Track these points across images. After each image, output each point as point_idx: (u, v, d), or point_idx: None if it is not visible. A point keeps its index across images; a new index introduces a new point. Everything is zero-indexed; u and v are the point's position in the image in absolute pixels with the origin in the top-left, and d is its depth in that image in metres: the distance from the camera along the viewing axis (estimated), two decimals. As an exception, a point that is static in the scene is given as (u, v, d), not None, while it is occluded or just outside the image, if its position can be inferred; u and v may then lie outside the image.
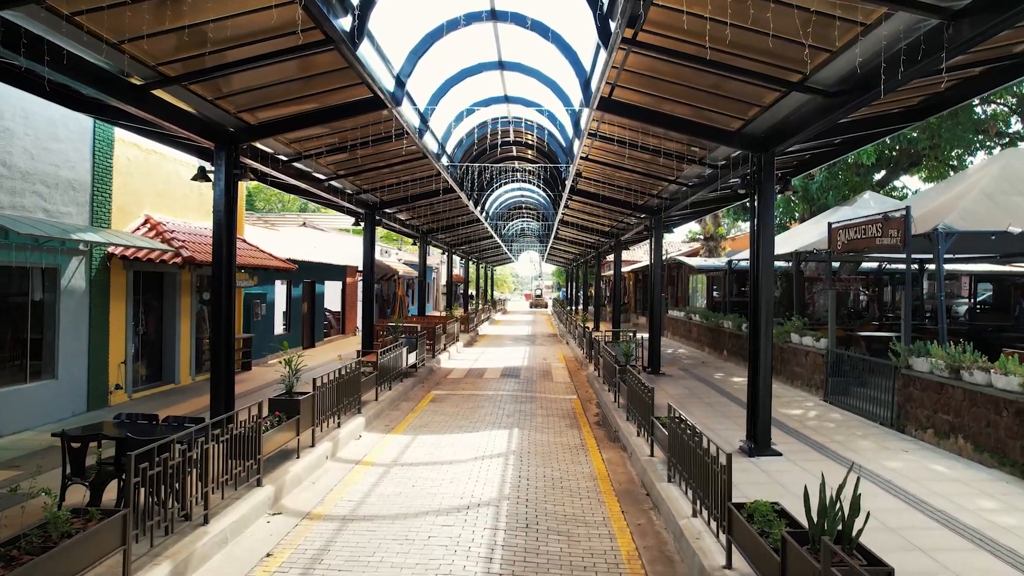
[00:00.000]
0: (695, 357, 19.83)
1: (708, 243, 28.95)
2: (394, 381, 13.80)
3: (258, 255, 14.45)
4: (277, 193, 64.25)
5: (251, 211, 50.31)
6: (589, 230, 24.08)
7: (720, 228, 28.92)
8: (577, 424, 11.29)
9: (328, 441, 9.05)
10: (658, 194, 14.73)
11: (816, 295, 20.80)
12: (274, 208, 62.55)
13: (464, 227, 25.41)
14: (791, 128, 8.17)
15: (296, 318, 19.60)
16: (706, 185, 12.00)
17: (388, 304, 29.59)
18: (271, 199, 67.97)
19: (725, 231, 29.81)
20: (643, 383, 9.33)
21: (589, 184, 15.96)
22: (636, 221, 19.51)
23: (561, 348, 24.95)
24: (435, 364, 18.20)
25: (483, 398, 13.57)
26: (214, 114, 8.60)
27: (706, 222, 29.52)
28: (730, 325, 18.65)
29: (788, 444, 9.10)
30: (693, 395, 13.14)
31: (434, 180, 14.70)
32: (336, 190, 13.97)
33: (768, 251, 8.80)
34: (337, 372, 9.95)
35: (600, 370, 15.40)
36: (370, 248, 16.55)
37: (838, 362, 12.32)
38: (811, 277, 21.23)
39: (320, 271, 21.92)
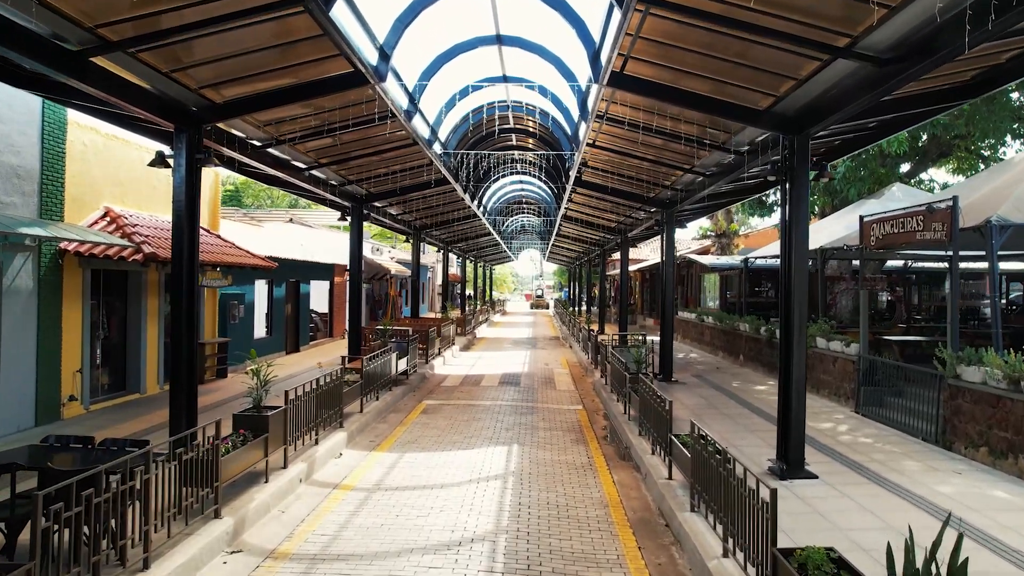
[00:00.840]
0: (708, 362, 19.08)
1: (720, 240, 28.20)
2: (382, 390, 13.04)
3: (233, 252, 13.69)
4: (266, 189, 63.59)
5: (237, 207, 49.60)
6: (594, 226, 23.32)
7: (733, 224, 28.17)
8: (583, 439, 10.53)
9: (303, 462, 8.28)
10: (671, 185, 13.97)
11: (838, 295, 20.04)
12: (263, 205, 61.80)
13: (460, 223, 24.64)
14: (829, 105, 7.41)
15: (278, 320, 18.84)
16: (726, 174, 11.23)
17: (380, 305, 28.83)
18: (259, 195, 67.33)
19: (738, 228, 29.05)
20: (658, 395, 8.58)
21: (595, 175, 15.19)
22: (645, 216, 18.74)
23: (564, 352, 24.19)
24: (428, 370, 17.44)
25: (480, 409, 12.81)
26: (173, 90, 7.84)
27: (718, 218, 28.79)
28: (747, 328, 17.89)
29: (823, 464, 8.35)
30: (710, 406, 12.39)
31: (426, 170, 13.94)
32: (318, 181, 13.21)
33: (802, 247, 8.03)
34: (315, 382, 9.18)
35: (607, 377, 14.64)
36: (357, 244, 15.79)
37: (871, 370, 11.56)
38: (832, 276, 20.47)
39: (305, 270, 21.16)
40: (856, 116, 8.46)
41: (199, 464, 6.06)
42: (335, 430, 9.98)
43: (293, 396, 8.37)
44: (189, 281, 8.21)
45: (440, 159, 13.60)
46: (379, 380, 12.67)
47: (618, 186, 15.45)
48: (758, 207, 22.22)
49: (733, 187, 13.91)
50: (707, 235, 29.55)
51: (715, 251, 28.59)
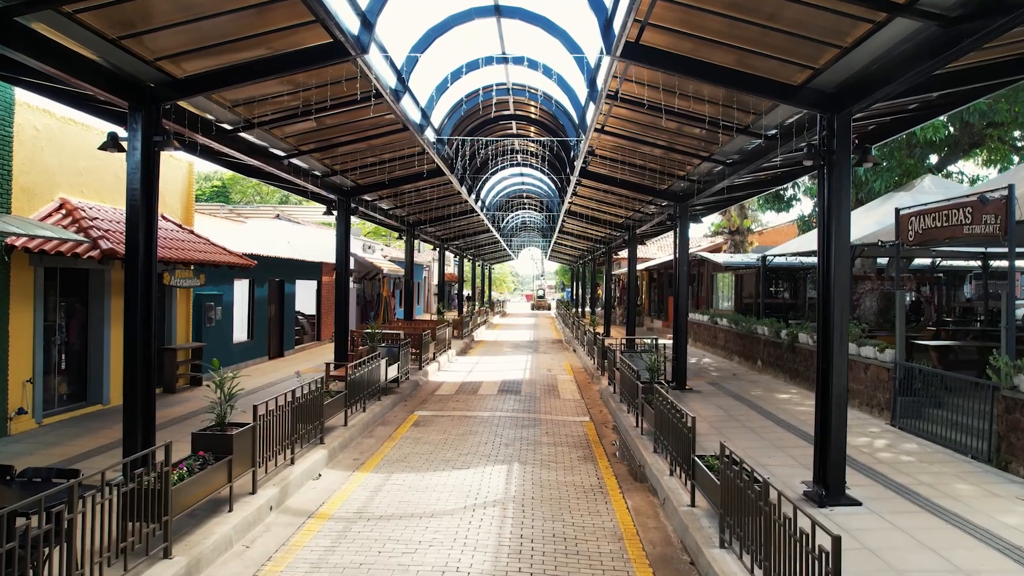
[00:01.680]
0: (724, 368, 18.35)
1: (733, 237, 27.48)
2: (370, 400, 12.31)
3: (208, 249, 12.95)
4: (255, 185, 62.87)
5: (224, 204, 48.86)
6: (600, 222, 22.59)
7: (747, 220, 27.44)
8: (592, 456, 9.79)
9: (275, 486, 7.54)
10: (686, 175, 13.23)
11: (862, 296, 19.31)
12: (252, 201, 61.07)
13: (457, 219, 23.91)
14: (878, 79, 6.68)
15: (260, 323, 18.10)
16: (749, 162, 10.49)
17: (371, 306, 28.11)
18: (248, 191, 66.68)
19: (751, 224, 28.33)
20: (677, 409, 7.86)
21: (603, 165, 14.46)
22: (656, 210, 18.03)
23: (567, 357, 23.46)
24: (421, 377, 16.71)
25: (477, 421, 12.07)
26: (125, 62, 7.10)
27: (730, 214, 28.07)
28: (766, 331, 17.16)
29: (865, 487, 7.62)
30: (731, 417, 11.66)
31: (417, 159, 13.20)
32: (300, 170, 12.47)
33: (843, 242, 7.30)
34: (291, 394, 8.44)
35: (616, 385, 13.91)
36: (344, 241, 15.05)
37: (908, 378, 10.84)
38: (856, 275, 19.74)
39: (290, 269, 20.42)
40: (899, 95, 7.72)
41: (146, 495, 5.33)
42: (314, 447, 9.24)
43: (264, 411, 7.62)
44: (146, 278, 7.48)
45: (433, 147, 12.87)
46: (366, 389, 11.94)
47: (627, 177, 14.73)
48: (774, 201, 21.49)
49: (753, 178, 13.18)
50: (719, 232, 28.83)
51: (728, 248, 27.88)
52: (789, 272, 22.43)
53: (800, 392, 14.35)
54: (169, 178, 13.66)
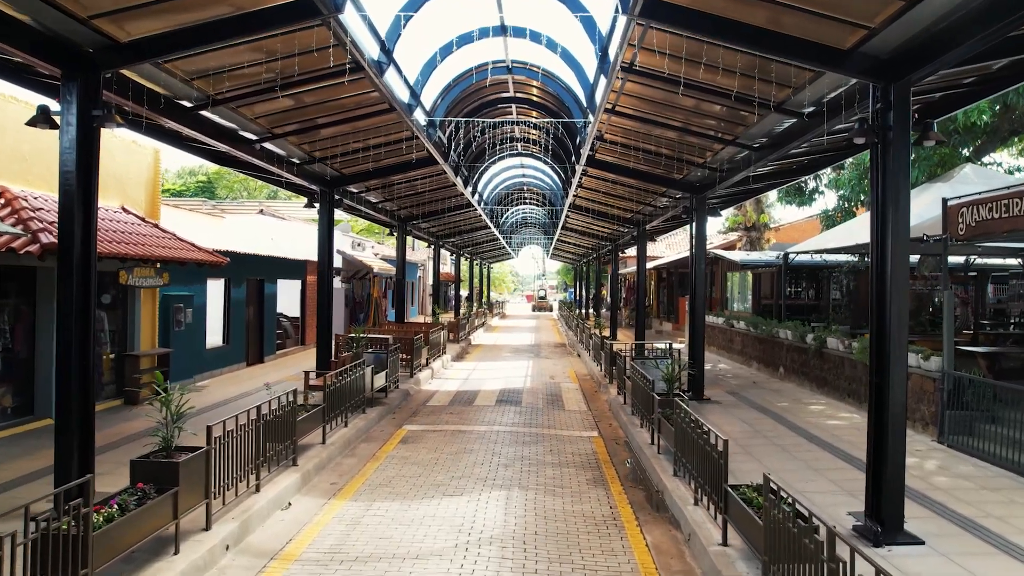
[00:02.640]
0: (742, 376, 17.51)
1: (749, 234, 26.64)
2: (353, 413, 11.46)
3: (173, 244, 12.10)
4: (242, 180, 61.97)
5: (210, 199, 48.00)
6: (607, 217, 21.74)
7: (764, 215, 26.58)
8: (603, 479, 8.94)
9: (233, 520, 6.68)
10: (705, 163, 12.38)
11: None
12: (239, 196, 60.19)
13: (452, 214, 23.07)
14: (941, 41, 5.84)
15: (237, 326, 17.24)
16: (780, 145, 9.64)
17: (361, 308, 27.27)
18: (234, 186, 65.81)
19: (768, 219, 27.47)
20: (702, 428, 7.03)
21: (612, 152, 13.62)
22: (668, 203, 17.18)
23: (571, 362, 22.61)
24: (413, 386, 15.86)
25: (472, 437, 11.22)
26: (56, 22, 6.25)
27: (746, 209, 27.22)
28: (790, 336, 16.31)
29: (924, 521, 6.77)
30: (756, 433, 10.82)
31: (407, 146, 12.33)
32: (275, 157, 11.60)
33: (902, 233, 6.45)
34: (255, 411, 7.59)
35: (627, 395, 13.08)
36: (327, 236, 14.20)
37: (958, 389, 9.99)
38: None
39: (272, 267, 19.57)
40: (961, 62, 6.87)
41: (61, 543, 4.47)
42: (285, 470, 8.39)
43: (222, 432, 6.77)
44: (82, 275, 6.63)
45: (424, 132, 12.01)
46: (348, 401, 11.08)
47: (639, 166, 13.88)
48: (795, 195, 20.64)
49: (779, 166, 12.34)
50: (734, 228, 27.98)
51: (743, 246, 27.03)
52: (811, 271, 21.55)
53: (830, 403, 13.51)
54: (132, 167, 12.82)
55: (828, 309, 20.95)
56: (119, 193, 12.42)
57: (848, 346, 13.45)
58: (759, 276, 22.15)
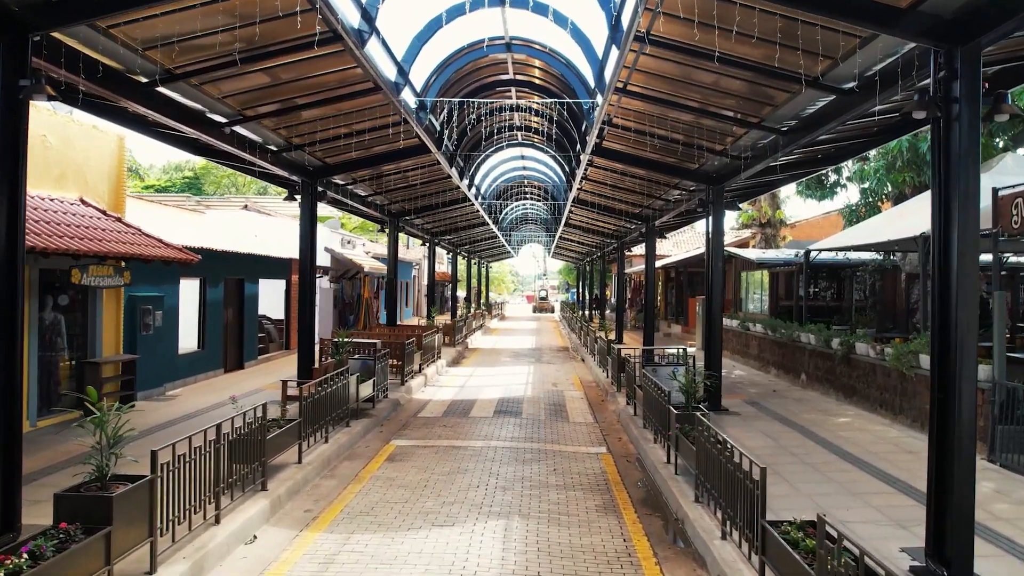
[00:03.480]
0: (760, 383, 16.72)
1: (764, 231, 25.86)
2: (335, 426, 10.67)
3: (136, 240, 11.29)
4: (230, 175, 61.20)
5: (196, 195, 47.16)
6: (613, 212, 20.95)
7: (779, 211, 25.79)
8: (614, 504, 8.15)
9: (185, 559, 5.88)
10: (724, 150, 11.60)
11: (920, 298, 17.67)
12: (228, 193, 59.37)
13: (448, 209, 22.27)
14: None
15: (214, 330, 16.44)
16: (816, 127, 8.84)
17: (351, 310, 26.48)
18: (222, 182, 64.99)
19: (784, 215, 26.68)
20: (727, 448, 6.25)
21: (621, 139, 12.83)
22: (681, 196, 16.39)
23: (575, 367, 21.82)
24: (403, 395, 15.06)
25: (467, 454, 10.42)
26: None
27: (761, 204, 26.44)
28: (813, 340, 15.52)
29: (993, 560, 6.00)
30: (783, 449, 10.03)
31: (393, 131, 11.51)
32: (249, 144, 10.79)
33: (970, 224, 5.64)
34: (212, 432, 6.80)
35: (637, 405, 12.31)
36: (309, 231, 13.41)
37: (1011, 401, 9.21)
38: (914, 274, 18.12)
39: (253, 265, 18.77)
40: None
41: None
42: (253, 495, 7.59)
43: (171, 457, 5.97)
44: (7, 273, 5.84)
45: (415, 116, 11.22)
46: (330, 414, 10.28)
47: (650, 154, 13.10)
48: (816, 188, 19.86)
49: (806, 153, 11.56)
50: (748, 224, 27.19)
51: (758, 243, 26.25)
52: (832, 270, 20.80)
53: (859, 414, 12.72)
54: (93, 154, 12.03)
55: (851, 311, 20.19)
56: (78, 183, 11.62)
57: (880, 352, 12.67)
58: (776, 276, 21.37)
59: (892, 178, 16.41)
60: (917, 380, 11.30)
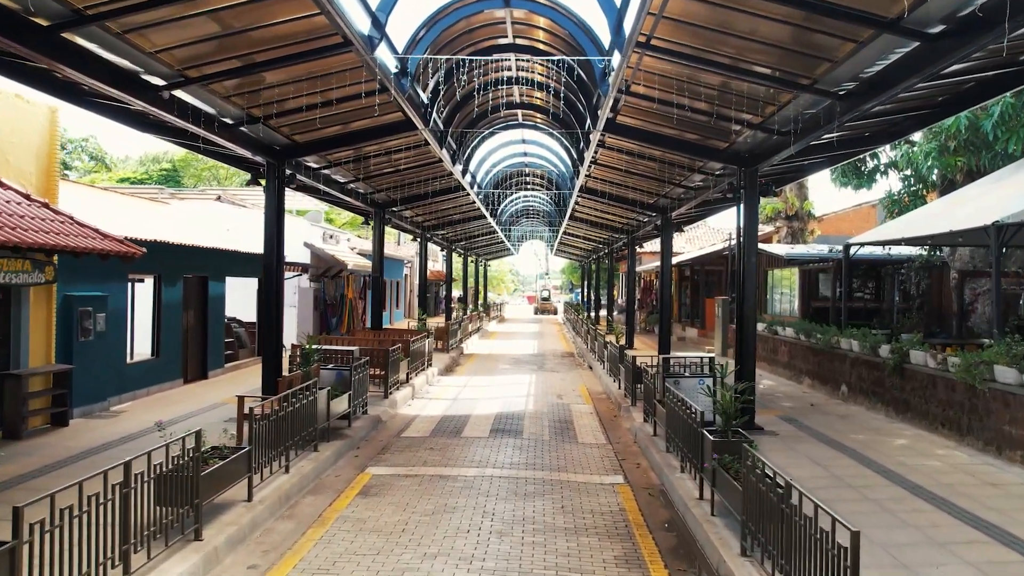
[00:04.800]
0: (794, 395, 15.41)
1: (790, 224, 24.56)
2: (300, 451, 9.35)
3: (64, 230, 9.94)
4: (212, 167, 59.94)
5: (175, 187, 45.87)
6: (625, 202, 19.64)
7: (808, 202, 24.48)
8: (638, 556, 6.84)
9: (64, 652, 4.56)
10: (762, 123, 10.30)
11: (979, 297, 16.39)
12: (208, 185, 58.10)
13: (440, 199, 20.99)
14: None
15: (171, 335, 15.11)
16: (886, 87, 7.52)
17: (334, 311, 25.18)
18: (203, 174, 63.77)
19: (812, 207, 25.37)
20: (789, 494, 4.97)
21: (639, 113, 11.53)
22: (704, 182, 15.09)
23: (582, 376, 20.50)
24: (387, 409, 13.75)
25: (456, 486, 9.09)
26: None
27: (786, 195, 25.13)
28: (855, 347, 14.21)
29: None
30: (837, 480, 8.75)
31: (369, 100, 10.16)
32: (196, 114, 9.45)
33: None
34: (119, 473, 5.48)
35: (657, 423, 11.03)
36: (275, 221, 12.12)
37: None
38: (965, 272, 16.84)
39: (219, 261, 17.47)
40: None
41: None
42: (182, 547, 6.27)
43: (49, 513, 4.65)
44: None
45: (394, 81, 9.89)
46: (292, 438, 8.96)
47: (672, 131, 11.80)
48: (853, 175, 18.52)
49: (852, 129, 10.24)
50: (774, 216, 25.87)
51: (784, 238, 24.95)
52: (871, 267, 19.47)
53: (918, 434, 11.42)
54: (16, 128, 10.72)
55: (891, 313, 18.90)
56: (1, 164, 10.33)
57: (942, 362, 11.36)
58: (808, 273, 20.05)
59: (944, 162, 15.09)
60: (992, 396, 10.01)
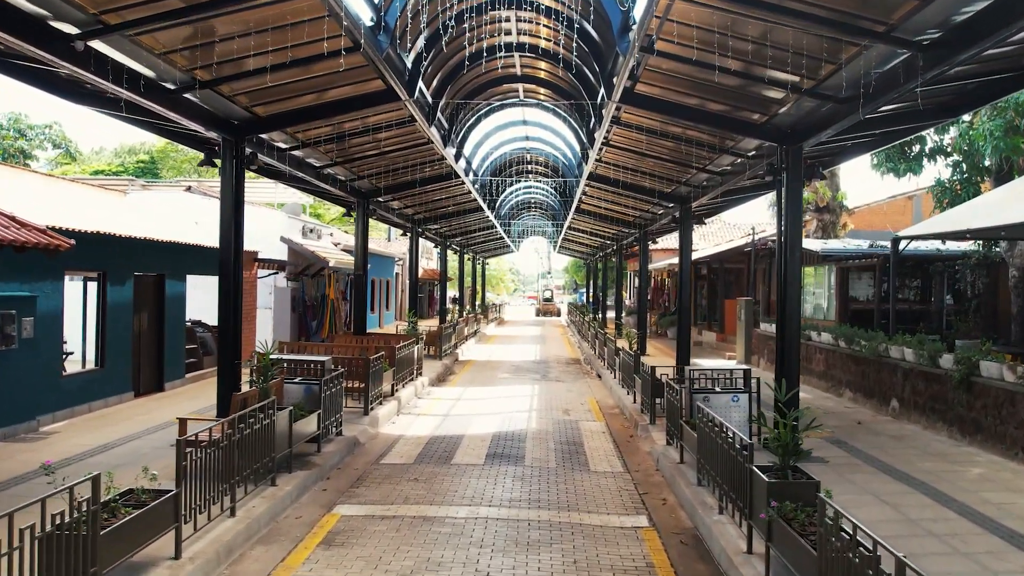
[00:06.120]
0: (835, 411, 14.05)
1: (821, 217, 23.20)
2: (257, 483, 7.99)
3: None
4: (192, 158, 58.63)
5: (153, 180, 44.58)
6: (638, 192, 18.24)
7: (840, 193, 23.12)
8: (676, 638, 5.45)
9: None
10: (816, 87, 8.92)
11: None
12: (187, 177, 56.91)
13: (432, 188, 19.63)
14: None
15: (119, 342, 13.72)
16: (989, 33, 6.15)
17: (314, 314, 23.82)
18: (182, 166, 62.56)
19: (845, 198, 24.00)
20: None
21: (666, 77, 10.16)
22: (733, 165, 13.74)
23: (590, 386, 19.13)
24: (367, 428, 12.40)
25: (443, 533, 7.71)
26: None
27: (815, 185, 23.75)
28: (910, 356, 12.85)
29: None
30: (913, 524, 7.43)
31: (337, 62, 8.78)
32: (116, 71, 8.03)
33: None
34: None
35: (685, 448, 9.69)
36: (232, 207, 10.78)
37: None
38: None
39: (180, 257, 16.12)
40: None
41: None
42: (68, 637, 4.89)
43: None
44: None
45: (369, 37, 8.51)
46: (240, 473, 7.58)
47: (701, 100, 10.45)
48: (898, 159, 17.10)
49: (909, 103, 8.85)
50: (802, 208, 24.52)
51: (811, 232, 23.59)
52: (917, 265, 18.10)
53: (992, 460, 10.08)
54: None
55: (940, 316, 17.53)
56: None
57: (1023, 376, 10.00)
58: (846, 271, 18.68)
59: (1010, 143, 13.70)
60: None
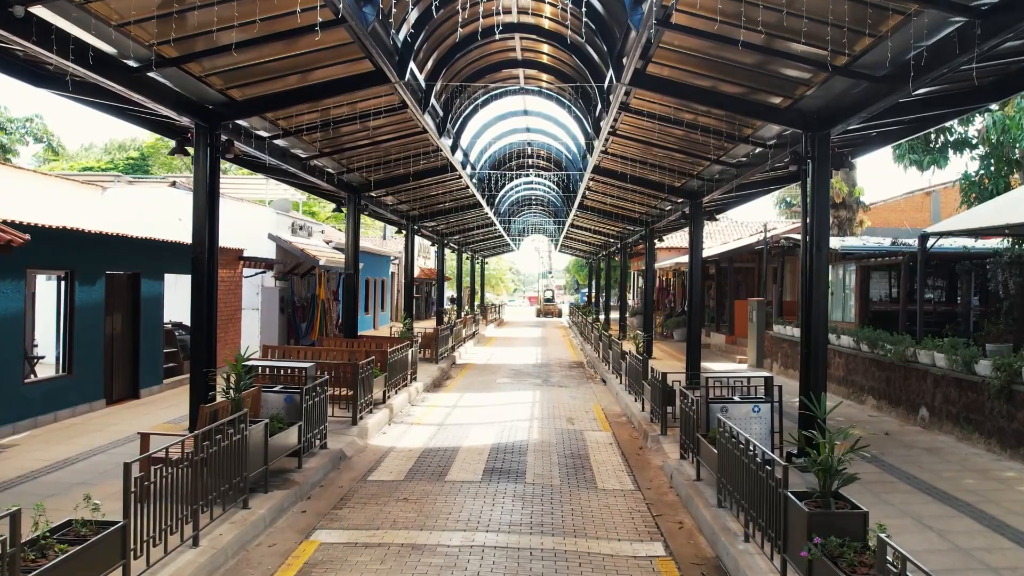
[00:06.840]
0: (860, 420, 13.36)
1: (837, 213, 22.48)
2: (227, 506, 7.28)
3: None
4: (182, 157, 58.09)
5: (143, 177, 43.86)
6: (646, 186, 17.54)
7: (857, 188, 22.42)
8: None
9: None
10: (850, 65, 8.21)
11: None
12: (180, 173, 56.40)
13: (428, 184, 18.96)
14: None
15: (88, 346, 12.99)
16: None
17: (304, 315, 23.09)
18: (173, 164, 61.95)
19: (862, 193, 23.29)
20: None
21: (681, 56, 9.46)
22: (750, 156, 13.04)
23: (595, 392, 18.42)
24: (355, 439, 11.69)
25: (435, 563, 6.98)
26: None
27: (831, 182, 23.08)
28: (941, 361, 12.14)
29: None
30: (962, 553, 6.74)
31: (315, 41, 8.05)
32: (62, 42, 7.30)
33: None
34: None
35: (708, 468, 8.95)
36: (206, 199, 10.07)
37: None
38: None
39: (156, 255, 15.40)
40: None
41: None
42: None
43: None
44: None
45: (358, 15, 7.79)
46: (206, 496, 6.86)
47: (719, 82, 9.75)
48: (922, 151, 16.44)
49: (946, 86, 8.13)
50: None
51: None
52: (943, 263, 17.40)
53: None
54: None
55: (968, 318, 16.83)
56: None
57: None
58: (867, 271, 17.98)
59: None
60: None
